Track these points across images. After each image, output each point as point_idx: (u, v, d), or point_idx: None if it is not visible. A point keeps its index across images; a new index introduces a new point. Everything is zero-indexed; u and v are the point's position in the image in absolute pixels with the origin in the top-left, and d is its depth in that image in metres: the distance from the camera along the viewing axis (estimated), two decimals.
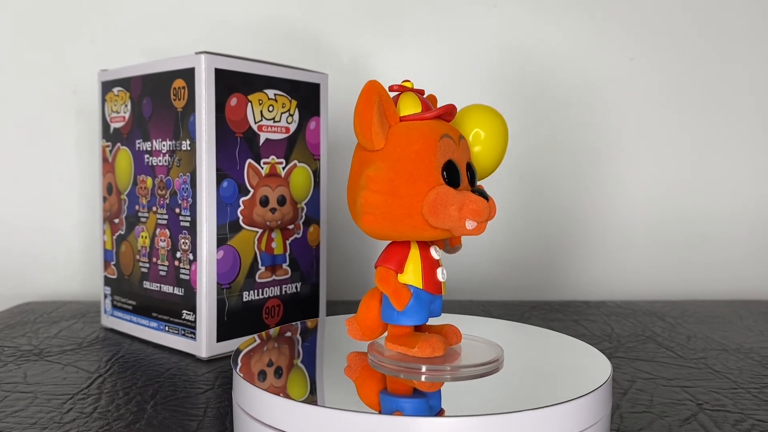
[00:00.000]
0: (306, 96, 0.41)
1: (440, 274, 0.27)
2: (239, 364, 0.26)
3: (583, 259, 0.60)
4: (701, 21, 0.59)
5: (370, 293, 0.28)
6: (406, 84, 0.27)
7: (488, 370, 0.26)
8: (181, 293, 0.38)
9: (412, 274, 0.27)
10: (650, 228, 0.60)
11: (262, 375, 0.25)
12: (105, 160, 0.44)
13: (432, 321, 0.30)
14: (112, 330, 0.44)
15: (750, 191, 0.61)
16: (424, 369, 0.26)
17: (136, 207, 0.41)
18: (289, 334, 0.32)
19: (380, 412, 0.21)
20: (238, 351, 0.28)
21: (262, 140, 0.39)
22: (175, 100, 0.38)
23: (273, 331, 0.32)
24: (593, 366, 0.27)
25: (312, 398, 0.23)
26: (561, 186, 0.59)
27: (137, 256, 0.41)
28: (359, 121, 0.25)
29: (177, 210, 0.38)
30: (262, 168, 0.39)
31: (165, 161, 0.39)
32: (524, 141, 0.59)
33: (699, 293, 0.60)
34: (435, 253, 0.28)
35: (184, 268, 0.38)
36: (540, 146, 0.59)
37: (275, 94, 0.40)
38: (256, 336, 0.30)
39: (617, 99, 0.59)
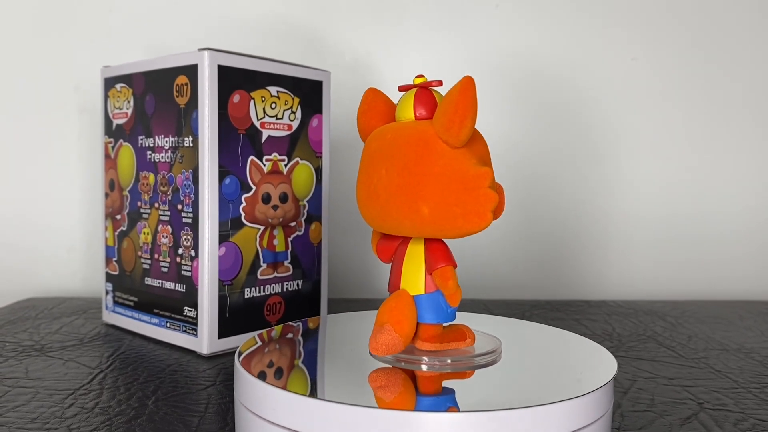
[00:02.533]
0: (308, 93, 0.41)
1: None
2: (241, 360, 0.26)
3: (584, 258, 0.60)
4: (703, 20, 0.59)
5: (399, 299, 0.27)
6: (420, 79, 0.27)
7: (488, 360, 0.26)
8: (182, 290, 0.38)
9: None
10: (651, 228, 0.60)
11: (263, 372, 0.25)
12: (107, 156, 0.44)
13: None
14: (113, 326, 0.44)
15: (751, 191, 0.61)
16: (425, 359, 0.26)
17: (138, 203, 0.41)
18: (290, 334, 0.32)
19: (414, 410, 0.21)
20: (239, 350, 0.28)
21: (264, 137, 0.39)
22: (177, 96, 0.38)
23: (275, 330, 0.32)
24: (598, 363, 0.27)
25: (314, 394, 0.23)
26: (561, 185, 0.59)
27: (139, 253, 0.41)
28: (471, 116, 0.24)
29: (179, 206, 0.38)
30: (265, 165, 0.39)
31: (167, 158, 0.39)
32: (525, 140, 0.59)
33: (700, 293, 0.60)
34: None
35: (186, 265, 0.38)
36: (541, 146, 0.59)
37: (278, 92, 0.40)
38: (257, 336, 0.30)
39: (618, 98, 0.59)
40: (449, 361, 0.26)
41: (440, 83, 0.26)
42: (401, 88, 0.27)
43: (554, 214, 0.60)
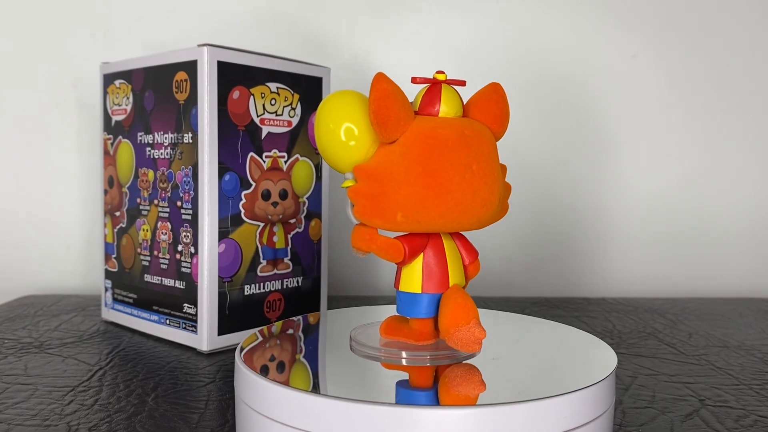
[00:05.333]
0: (308, 90, 0.41)
1: None
2: (242, 357, 0.26)
3: (584, 255, 0.60)
4: (704, 18, 0.59)
5: (464, 294, 0.26)
6: (443, 76, 0.27)
7: (467, 354, 0.26)
8: (182, 286, 0.38)
9: None
10: (651, 225, 0.60)
11: (264, 369, 0.25)
12: (106, 153, 0.44)
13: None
14: (112, 323, 0.44)
15: (752, 188, 0.60)
16: (404, 354, 0.26)
17: (138, 200, 0.41)
18: (291, 330, 0.31)
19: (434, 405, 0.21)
20: (241, 346, 0.28)
21: (264, 134, 0.39)
22: (177, 92, 0.38)
23: (275, 326, 0.32)
24: (597, 357, 0.27)
25: (315, 391, 0.23)
26: (561, 182, 0.59)
27: (138, 250, 0.41)
28: (508, 115, 0.27)
29: (178, 203, 0.38)
30: (264, 161, 0.39)
31: (167, 154, 0.39)
32: (525, 137, 0.59)
33: (700, 291, 0.60)
34: None
35: (186, 262, 0.38)
36: (541, 143, 0.59)
37: (277, 88, 0.39)
38: (257, 332, 0.30)
39: (618, 96, 0.59)
40: (428, 356, 0.26)
41: (464, 83, 0.27)
42: (415, 80, 0.27)
43: (554, 211, 0.60)
